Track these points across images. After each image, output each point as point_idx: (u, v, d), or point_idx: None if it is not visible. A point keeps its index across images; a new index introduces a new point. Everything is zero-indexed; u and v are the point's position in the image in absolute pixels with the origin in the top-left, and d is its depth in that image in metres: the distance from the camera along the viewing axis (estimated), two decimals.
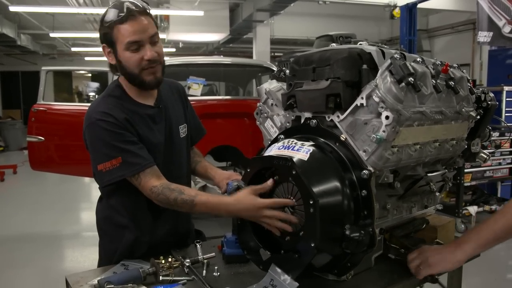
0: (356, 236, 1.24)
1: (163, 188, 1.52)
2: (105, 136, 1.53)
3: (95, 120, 1.55)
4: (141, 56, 1.56)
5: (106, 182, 1.56)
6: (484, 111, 1.66)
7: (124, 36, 1.53)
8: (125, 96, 1.65)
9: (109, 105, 1.59)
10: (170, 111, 1.75)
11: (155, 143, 1.61)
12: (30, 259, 4.46)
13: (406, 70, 1.23)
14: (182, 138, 1.79)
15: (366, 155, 1.27)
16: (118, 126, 1.54)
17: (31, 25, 13.25)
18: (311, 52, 1.47)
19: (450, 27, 13.53)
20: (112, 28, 1.54)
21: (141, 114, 1.64)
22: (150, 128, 1.64)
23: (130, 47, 1.55)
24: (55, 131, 5.07)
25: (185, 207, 1.50)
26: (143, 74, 1.59)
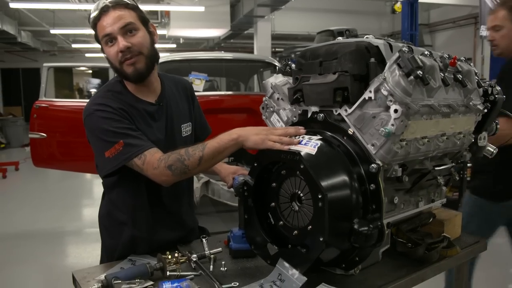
0: (364, 230, 1.23)
1: (171, 153, 1.48)
2: (103, 124, 1.52)
3: (92, 111, 1.55)
4: (116, 49, 1.56)
5: (112, 168, 1.52)
6: (491, 105, 1.65)
7: (100, 32, 1.57)
8: (126, 91, 1.65)
9: (107, 98, 1.59)
10: (172, 108, 1.73)
11: (153, 140, 1.58)
12: (33, 255, 4.48)
13: (415, 63, 1.22)
14: (185, 137, 1.77)
15: (375, 148, 1.27)
16: (116, 114, 1.54)
17: (32, 22, 13.25)
18: (318, 46, 1.46)
19: (451, 22, 13.49)
20: (95, 27, 1.58)
21: (140, 110, 1.63)
22: (148, 125, 1.63)
23: (106, 41, 1.57)
24: (57, 127, 5.07)
25: (197, 153, 1.44)
26: (124, 67, 1.58)
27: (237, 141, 1.42)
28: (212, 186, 4.26)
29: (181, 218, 1.77)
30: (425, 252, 1.50)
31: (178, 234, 1.75)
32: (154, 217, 1.67)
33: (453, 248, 1.58)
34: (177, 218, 1.74)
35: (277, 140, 1.35)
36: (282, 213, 1.40)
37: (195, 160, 1.45)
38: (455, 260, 1.62)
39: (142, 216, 1.66)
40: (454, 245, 1.59)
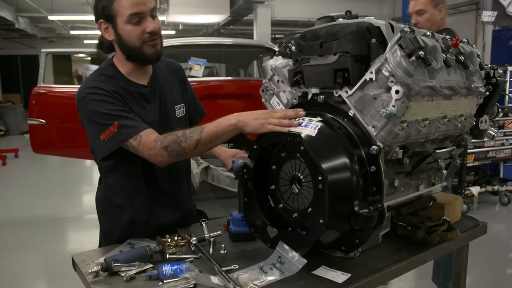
0: (365, 213, 1.22)
1: (167, 134, 1.47)
2: (97, 107, 1.51)
3: (85, 95, 1.54)
4: (142, 28, 1.55)
5: (108, 150, 1.50)
6: (493, 87, 1.63)
7: (125, 8, 1.52)
8: (118, 74, 1.64)
9: (100, 81, 1.57)
10: (165, 90, 1.73)
11: (147, 122, 1.58)
12: (33, 241, 4.49)
13: (417, 43, 1.20)
14: (179, 117, 1.77)
15: (375, 130, 1.26)
16: (109, 97, 1.52)
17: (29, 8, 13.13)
18: (318, 27, 1.44)
19: (452, 8, 13.33)
20: (111, 1, 1.52)
21: (133, 92, 1.62)
22: (142, 107, 1.63)
23: (132, 20, 1.53)
24: (56, 113, 5.04)
25: (194, 136, 1.43)
26: (145, 47, 1.58)
27: (235, 126, 1.42)
28: (212, 172, 4.26)
29: (179, 199, 1.76)
30: (425, 235, 1.50)
31: (176, 216, 1.74)
32: (151, 199, 1.67)
33: (453, 231, 1.57)
34: (175, 199, 1.74)
35: (277, 123, 1.34)
36: (282, 196, 1.39)
37: (192, 143, 1.44)
38: (455, 243, 1.63)
39: (139, 198, 1.65)
40: (454, 229, 1.59)
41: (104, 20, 1.57)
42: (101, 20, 1.58)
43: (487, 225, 1.77)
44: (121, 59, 1.65)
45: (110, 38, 1.60)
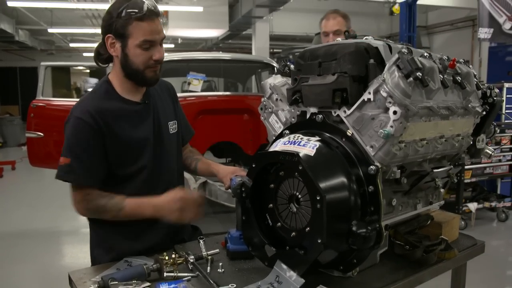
0: (363, 232, 1.23)
1: (97, 195, 1.58)
2: (72, 133, 1.57)
3: (73, 116, 1.59)
4: (150, 55, 1.60)
5: (56, 176, 1.58)
6: (490, 107, 1.65)
7: (140, 33, 1.56)
8: (112, 91, 1.67)
9: (93, 103, 1.61)
10: (158, 107, 1.76)
11: (141, 138, 1.64)
12: (29, 255, 4.45)
13: (414, 64, 1.22)
14: (172, 134, 1.79)
15: (373, 150, 1.26)
16: (84, 132, 1.56)
17: (29, 21, 13.19)
18: (317, 46, 1.46)
19: (449, 24, 13.51)
20: (128, 22, 1.55)
21: (127, 110, 1.65)
22: (135, 125, 1.65)
23: (143, 45, 1.58)
24: (54, 127, 5.04)
25: (113, 211, 1.57)
26: (147, 71, 1.63)
27: (153, 216, 1.57)
28: (210, 187, 4.25)
29: None
30: (423, 255, 1.50)
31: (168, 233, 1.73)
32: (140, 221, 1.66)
33: (451, 251, 1.57)
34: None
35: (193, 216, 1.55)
36: (280, 215, 1.39)
37: (110, 216, 1.59)
38: (453, 263, 1.62)
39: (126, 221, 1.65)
40: (452, 248, 1.59)
41: (114, 36, 1.59)
42: (110, 35, 1.59)
43: (485, 241, 1.77)
44: (118, 76, 1.67)
45: (113, 54, 1.62)
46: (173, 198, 1.55)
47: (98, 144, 1.58)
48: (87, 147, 1.56)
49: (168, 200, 1.55)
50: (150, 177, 1.68)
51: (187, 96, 4.69)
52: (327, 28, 2.72)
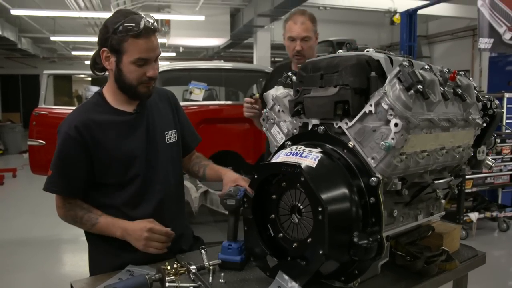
0: (364, 243, 1.23)
1: (76, 206, 1.65)
2: (58, 147, 1.63)
3: (60, 131, 1.64)
4: (144, 71, 1.62)
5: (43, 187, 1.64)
6: (490, 119, 1.66)
7: (135, 51, 1.58)
8: (103, 103, 1.70)
9: (79, 116, 1.64)
10: (154, 116, 1.77)
11: (131, 148, 1.67)
12: (30, 263, 4.44)
13: (415, 77, 1.23)
14: (170, 143, 1.79)
15: (375, 162, 1.27)
16: (71, 145, 1.60)
17: (32, 29, 13.29)
18: (319, 58, 1.48)
19: (449, 33, 13.59)
20: (124, 39, 1.56)
21: (116, 121, 1.67)
22: (125, 135, 1.67)
23: (137, 62, 1.59)
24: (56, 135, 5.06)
25: (87, 224, 1.64)
26: (140, 87, 1.65)
27: (120, 238, 1.62)
28: (211, 196, 4.26)
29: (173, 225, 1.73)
30: (424, 266, 1.50)
31: None
32: None
33: (452, 262, 1.58)
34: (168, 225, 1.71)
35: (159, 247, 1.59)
36: (282, 225, 1.40)
37: (84, 228, 1.68)
38: (454, 274, 1.62)
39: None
40: (453, 259, 1.59)
41: (109, 51, 1.60)
42: (105, 49, 1.61)
43: (486, 252, 1.77)
44: (112, 87, 1.70)
45: (108, 67, 1.65)
46: (142, 228, 1.58)
47: (81, 157, 1.61)
48: (69, 161, 1.62)
49: (137, 228, 1.59)
50: (143, 186, 1.69)
51: (189, 105, 4.71)
52: (293, 33, 2.46)
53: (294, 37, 2.46)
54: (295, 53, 2.49)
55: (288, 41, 2.51)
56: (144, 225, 1.59)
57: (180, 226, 1.84)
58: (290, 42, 2.49)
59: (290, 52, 2.52)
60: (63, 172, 1.62)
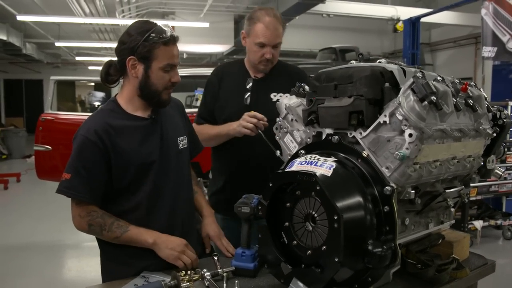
0: (379, 251, 1.25)
1: (103, 213, 1.63)
2: (76, 151, 1.63)
3: (79, 135, 1.64)
4: (170, 77, 1.69)
5: (56, 190, 1.62)
6: (499, 129, 1.68)
7: (164, 57, 1.64)
8: (118, 109, 1.72)
9: (98, 121, 1.66)
10: (167, 122, 1.80)
11: (148, 152, 1.69)
12: (34, 268, 4.46)
13: (429, 89, 1.26)
14: (182, 149, 1.83)
15: (389, 171, 1.30)
16: (91, 149, 1.61)
17: (37, 34, 13.38)
18: (333, 69, 1.50)
19: (452, 41, 13.64)
20: (154, 46, 1.62)
21: (132, 126, 1.70)
22: (141, 140, 1.70)
23: (165, 68, 1.65)
24: (62, 140, 5.10)
25: (116, 232, 1.62)
26: (164, 93, 1.71)
27: (151, 245, 1.63)
28: None
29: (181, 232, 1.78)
30: (435, 274, 1.52)
31: None
32: None
33: (462, 270, 1.59)
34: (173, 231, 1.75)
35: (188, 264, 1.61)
36: (296, 233, 1.42)
37: (111, 236, 1.63)
38: (465, 282, 1.64)
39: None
40: (464, 267, 1.61)
41: (136, 59, 1.64)
42: (132, 57, 1.64)
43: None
44: (128, 95, 1.73)
45: (133, 75, 1.67)
46: (180, 241, 1.65)
47: (101, 162, 1.62)
48: (89, 165, 1.61)
49: (173, 239, 1.65)
50: (156, 190, 1.71)
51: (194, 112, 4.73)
52: (265, 39, 2.11)
53: (265, 43, 2.12)
54: (263, 60, 2.14)
55: (254, 46, 2.14)
56: (181, 241, 1.65)
57: (191, 231, 1.86)
58: (258, 48, 2.13)
59: (255, 58, 2.16)
60: (85, 177, 1.60)
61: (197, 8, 10.22)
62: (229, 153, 2.20)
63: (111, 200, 1.68)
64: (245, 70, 2.25)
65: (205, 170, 4.97)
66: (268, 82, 2.19)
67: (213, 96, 2.24)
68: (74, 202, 1.64)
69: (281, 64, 2.29)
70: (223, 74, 2.28)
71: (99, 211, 1.63)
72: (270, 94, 1.71)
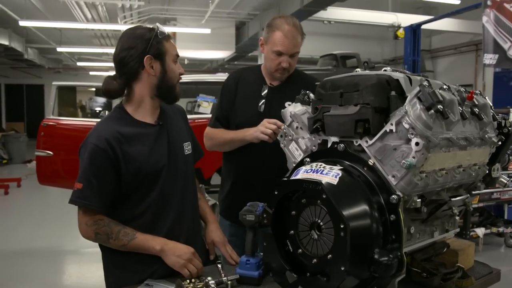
0: (385, 260, 1.25)
1: (110, 221, 1.63)
2: (87, 160, 1.62)
3: (88, 143, 1.64)
4: (178, 69, 1.77)
5: (69, 201, 1.63)
6: (505, 137, 1.68)
7: (171, 49, 1.73)
8: (126, 116, 1.72)
9: (108, 128, 1.66)
10: (174, 128, 1.81)
11: (157, 159, 1.69)
12: (35, 274, 4.44)
13: (435, 97, 1.26)
14: (187, 155, 1.84)
15: (395, 180, 1.29)
16: (101, 157, 1.61)
17: (39, 40, 13.42)
18: (338, 77, 1.50)
19: (453, 48, 13.68)
20: (162, 41, 1.70)
21: (141, 133, 1.70)
22: (150, 147, 1.70)
23: (174, 59, 1.74)
24: (64, 146, 5.10)
25: (123, 240, 1.61)
26: (177, 86, 1.77)
27: (158, 252, 1.62)
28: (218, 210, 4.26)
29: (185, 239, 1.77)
30: (440, 282, 1.51)
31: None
32: None
33: (468, 279, 1.59)
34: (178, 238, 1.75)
35: (192, 273, 1.60)
36: (301, 241, 1.41)
37: (118, 244, 1.62)
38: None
39: None
40: (469, 276, 1.60)
41: (152, 57, 1.68)
42: (148, 56, 1.67)
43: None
44: (138, 101, 1.73)
45: (153, 74, 1.69)
46: (187, 249, 1.64)
47: (111, 170, 1.62)
48: (100, 174, 1.61)
49: (181, 247, 1.65)
50: (163, 196, 1.71)
51: (196, 118, 4.74)
52: (283, 48, 2.09)
53: (283, 52, 2.10)
54: (280, 68, 2.14)
55: (272, 54, 2.13)
56: (189, 249, 1.65)
57: (196, 238, 1.86)
58: (275, 56, 2.12)
59: (272, 66, 2.15)
60: (96, 186, 1.60)
61: (199, 14, 10.26)
62: (239, 158, 2.20)
63: (119, 207, 1.67)
64: (261, 77, 2.25)
65: (206, 176, 4.99)
66: (283, 90, 2.17)
67: (229, 101, 2.23)
68: (81, 210, 1.64)
69: (297, 73, 2.29)
70: (239, 79, 2.27)
71: (105, 219, 1.62)
72: (285, 103, 1.70)
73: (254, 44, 11.69)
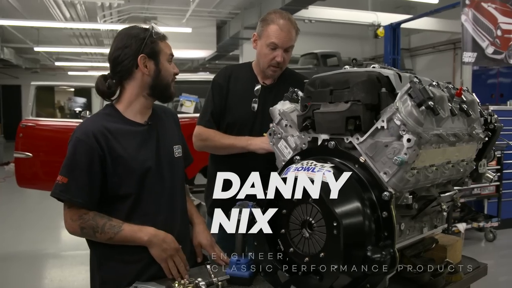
0: (378, 257, 1.25)
1: (94, 215, 1.59)
2: (72, 153, 1.60)
3: (74, 137, 1.62)
4: (172, 68, 1.76)
5: (51, 193, 1.59)
6: (491, 133, 1.70)
7: (166, 49, 1.72)
8: (116, 114, 1.70)
9: (95, 124, 1.64)
10: (165, 129, 1.79)
11: (144, 158, 1.67)
12: (16, 279, 4.34)
13: (426, 94, 1.26)
14: (177, 157, 1.81)
15: (387, 177, 1.29)
16: (86, 152, 1.58)
17: (15, 39, 13.13)
18: (327, 74, 1.50)
19: (431, 47, 13.90)
20: (157, 41, 1.69)
21: (130, 131, 1.68)
22: (138, 145, 1.68)
23: (168, 59, 1.73)
24: (43, 147, 5.00)
25: (109, 233, 1.58)
26: (172, 84, 1.76)
27: (146, 243, 1.60)
28: (203, 209, 4.23)
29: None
30: (431, 278, 1.52)
31: None
32: None
33: (457, 274, 1.60)
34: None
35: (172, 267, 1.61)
36: (292, 240, 1.40)
37: (104, 237, 1.59)
38: (459, 286, 1.64)
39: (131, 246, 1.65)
40: (458, 271, 1.61)
41: (147, 56, 1.67)
42: (142, 55, 1.66)
43: None
44: (130, 100, 1.71)
45: (146, 73, 1.68)
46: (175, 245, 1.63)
47: (96, 165, 1.59)
48: (84, 168, 1.58)
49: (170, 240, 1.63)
50: (151, 197, 1.68)
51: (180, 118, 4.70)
52: (279, 41, 2.05)
53: (277, 45, 2.06)
54: (273, 63, 2.09)
55: (266, 48, 2.08)
56: (175, 245, 1.63)
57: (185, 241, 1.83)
58: (270, 50, 2.07)
59: (265, 61, 2.11)
60: (80, 181, 1.57)
61: (180, 13, 10.18)
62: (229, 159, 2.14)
63: (106, 207, 1.63)
64: (253, 75, 2.21)
65: (190, 176, 4.96)
66: (276, 89, 2.13)
67: (221, 98, 2.18)
68: (66, 206, 1.60)
69: (289, 72, 2.27)
70: (231, 77, 2.22)
71: (90, 213, 1.59)
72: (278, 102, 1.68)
73: (235, 43, 11.68)
